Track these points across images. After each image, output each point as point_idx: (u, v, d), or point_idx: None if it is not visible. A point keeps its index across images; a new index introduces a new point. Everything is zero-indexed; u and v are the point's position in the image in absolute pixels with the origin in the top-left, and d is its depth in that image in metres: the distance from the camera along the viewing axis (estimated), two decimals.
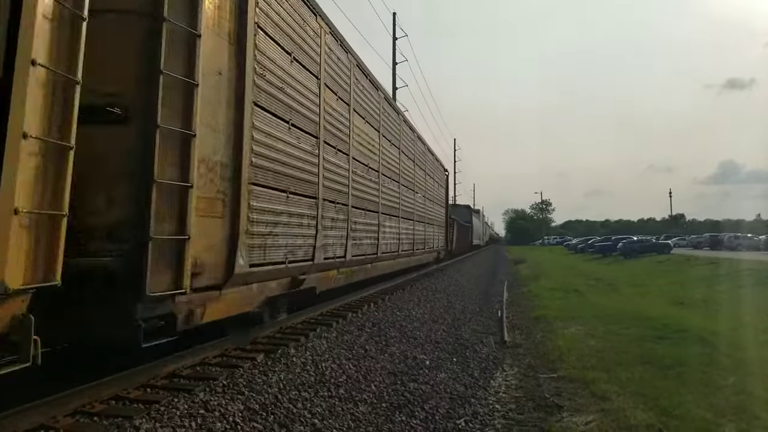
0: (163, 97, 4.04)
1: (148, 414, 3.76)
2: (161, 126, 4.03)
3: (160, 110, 4.03)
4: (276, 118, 5.86)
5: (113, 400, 4.03)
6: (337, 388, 5.05)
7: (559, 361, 7.27)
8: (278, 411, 4.26)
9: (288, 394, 4.64)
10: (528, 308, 13.18)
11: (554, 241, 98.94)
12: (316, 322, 7.65)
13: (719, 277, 21.56)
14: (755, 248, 42.23)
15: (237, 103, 5.01)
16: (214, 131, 4.69)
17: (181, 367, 4.88)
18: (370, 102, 10.35)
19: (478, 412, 5.21)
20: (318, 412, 4.41)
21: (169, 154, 4.11)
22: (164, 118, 4.06)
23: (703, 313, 12.42)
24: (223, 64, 4.81)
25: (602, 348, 8.04)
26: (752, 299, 14.88)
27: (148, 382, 4.44)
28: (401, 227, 13.21)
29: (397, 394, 5.28)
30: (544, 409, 5.40)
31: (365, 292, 11.33)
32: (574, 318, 10.97)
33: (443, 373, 6.33)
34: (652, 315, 11.37)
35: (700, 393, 5.76)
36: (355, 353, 6.34)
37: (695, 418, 5.03)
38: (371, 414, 4.67)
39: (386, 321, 8.55)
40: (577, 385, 6.14)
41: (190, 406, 3.99)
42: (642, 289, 19.40)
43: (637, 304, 14.36)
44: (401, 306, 10.34)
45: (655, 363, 7.05)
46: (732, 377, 6.34)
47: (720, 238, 49.14)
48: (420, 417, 4.81)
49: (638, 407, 5.26)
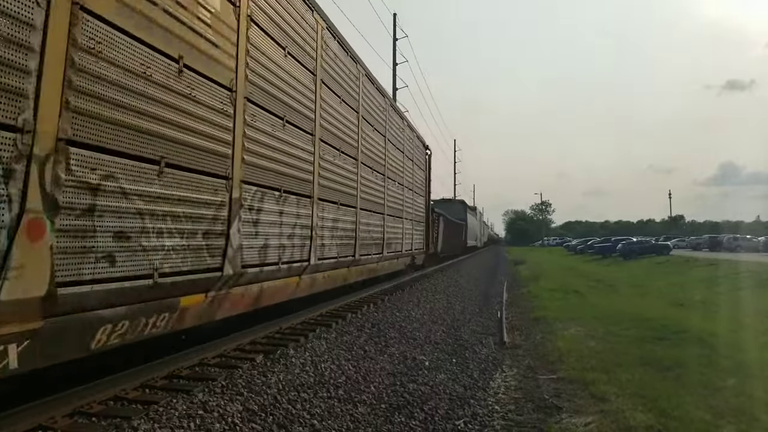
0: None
1: (146, 414, 3.76)
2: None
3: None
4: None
5: (112, 401, 4.02)
6: (337, 389, 5.04)
7: (559, 362, 7.26)
8: (277, 412, 4.25)
9: (287, 394, 4.64)
10: (528, 309, 13.16)
11: (554, 242, 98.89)
12: (315, 323, 7.65)
13: (718, 278, 21.55)
14: (754, 250, 42.25)
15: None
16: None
17: (180, 368, 4.88)
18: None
19: (477, 413, 5.20)
20: (317, 413, 4.40)
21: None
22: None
23: (702, 315, 12.40)
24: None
25: (602, 349, 8.03)
26: (751, 301, 14.87)
27: (146, 383, 4.44)
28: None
29: (397, 395, 5.27)
30: (544, 410, 5.38)
31: (365, 293, 11.31)
32: (574, 319, 10.96)
33: (442, 374, 6.32)
34: (652, 316, 11.36)
35: (700, 394, 5.75)
36: (355, 354, 6.34)
37: (694, 419, 5.02)
38: (370, 415, 4.66)
39: (386, 322, 8.54)
40: (577, 386, 6.13)
41: (189, 406, 3.99)
42: (641, 290, 19.39)
43: (636, 305, 14.35)
44: (401, 307, 10.33)
45: (654, 364, 7.04)
46: (731, 379, 6.33)
47: (719, 239, 49.13)
48: (419, 418, 4.80)
49: (637, 408, 5.25)
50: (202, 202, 4.70)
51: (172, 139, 4.27)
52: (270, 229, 6.07)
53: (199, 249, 4.65)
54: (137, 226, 3.90)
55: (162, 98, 4.15)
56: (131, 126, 3.82)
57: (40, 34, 3.09)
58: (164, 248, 4.21)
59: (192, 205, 4.55)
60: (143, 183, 3.95)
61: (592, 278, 24.44)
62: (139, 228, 3.92)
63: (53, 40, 3.17)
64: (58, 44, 3.21)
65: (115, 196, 3.69)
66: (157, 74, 4.09)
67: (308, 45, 7.26)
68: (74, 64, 3.33)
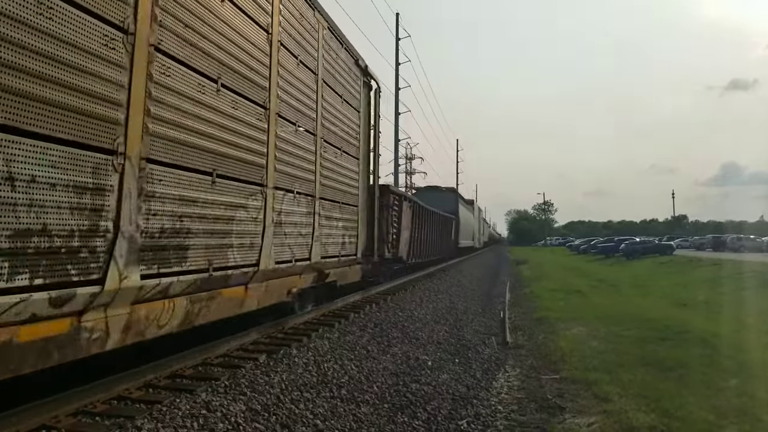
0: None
1: (150, 414, 3.76)
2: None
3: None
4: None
5: (115, 400, 4.03)
6: (339, 389, 5.05)
7: (562, 362, 7.25)
8: (280, 412, 4.26)
9: (290, 394, 4.65)
10: (530, 309, 13.15)
11: (556, 242, 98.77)
12: (318, 323, 7.66)
13: (722, 278, 21.49)
14: (758, 250, 42.15)
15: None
16: None
17: (184, 367, 4.89)
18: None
19: (480, 413, 5.21)
20: (320, 413, 4.41)
21: None
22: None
23: (705, 315, 12.38)
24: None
25: (604, 349, 8.03)
26: (755, 301, 14.83)
27: (150, 382, 4.45)
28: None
29: (399, 394, 5.28)
30: (547, 411, 5.39)
31: (367, 293, 11.31)
32: (576, 319, 10.95)
33: (445, 374, 6.32)
34: (654, 316, 11.34)
35: (702, 395, 5.75)
36: (357, 354, 6.34)
37: (697, 419, 5.02)
38: (373, 415, 4.67)
39: (388, 321, 8.55)
40: (580, 386, 6.13)
41: (192, 406, 4.00)
42: (644, 291, 19.35)
43: (639, 305, 14.32)
44: (404, 306, 10.34)
45: (657, 365, 7.03)
46: (734, 379, 6.33)
47: (723, 239, 49.02)
48: (422, 418, 4.81)
49: (640, 409, 5.25)
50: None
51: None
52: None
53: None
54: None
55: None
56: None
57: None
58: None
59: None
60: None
61: (595, 278, 24.40)
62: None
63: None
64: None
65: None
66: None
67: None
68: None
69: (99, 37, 3.58)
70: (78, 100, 3.42)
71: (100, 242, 3.62)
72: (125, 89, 3.82)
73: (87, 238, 3.52)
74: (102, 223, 3.64)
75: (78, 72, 3.40)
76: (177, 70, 4.43)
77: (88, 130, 3.49)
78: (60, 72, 3.28)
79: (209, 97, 4.90)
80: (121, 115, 3.78)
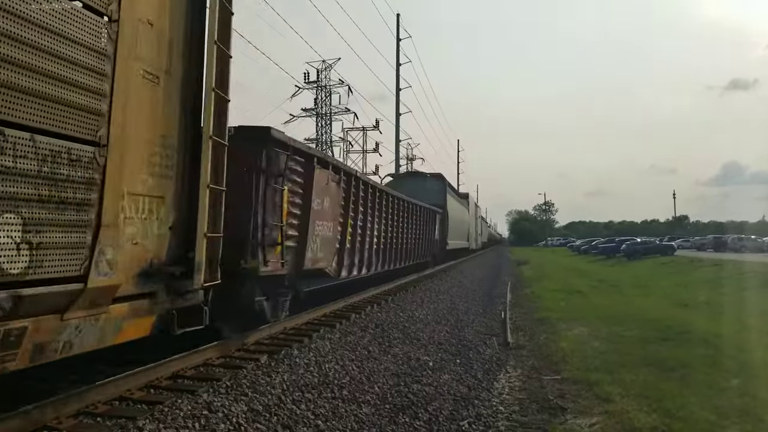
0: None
1: (151, 415, 3.76)
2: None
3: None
4: None
5: (117, 401, 4.03)
6: (341, 390, 5.05)
7: (563, 362, 7.25)
8: (282, 412, 4.26)
9: (291, 395, 4.65)
10: (531, 309, 13.15)
11: (557, 242, 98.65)
12: (319, 323, 7.66)
13: (723, 279, 21.46)
14: (759, 250, 42.02)
15: None
16: None
17: (185, 368, 4.89)
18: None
19: (481, 414, 5.21)
20: (321, 414, 4.41)
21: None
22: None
23: (706, 315, 12.36)
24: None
25: (606, 350, 8.03)
26: (756, 301, 14.79)
27: (151, 383, 4.45)
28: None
29: (401, 395, 5.27)
30: (548, 411, 5.38)
31: (369, 293, 11.31)
32: (578, 319, 10.95)
33: (446, 375, 6.32)
34: (656, 317, 11.33)
35: (704, 395, 5.74)
36: (359, 354, 6.34)
37: (699, 420, 5.01)
38: (375, 415, 4.67)
39: (389, 322, 8.55)
40: (581, 386, 6.13)
41: (194, 406, 4.00)
42: (645, 291, 19.33)
43: (640, 305, 14.31)
44: (404, 307, 10.33)
45: (658, 365, 7.03)
46: (736, 379, 6.32)
47: (724, 239, 48.89)
48: (423, 418, 4.81)
49: (642, 409, 5.25)
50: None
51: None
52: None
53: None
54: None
55: None
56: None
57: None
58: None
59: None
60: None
61: (596, 279, 24.39)
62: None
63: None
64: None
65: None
66: None
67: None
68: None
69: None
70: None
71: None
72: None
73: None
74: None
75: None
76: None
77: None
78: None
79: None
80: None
